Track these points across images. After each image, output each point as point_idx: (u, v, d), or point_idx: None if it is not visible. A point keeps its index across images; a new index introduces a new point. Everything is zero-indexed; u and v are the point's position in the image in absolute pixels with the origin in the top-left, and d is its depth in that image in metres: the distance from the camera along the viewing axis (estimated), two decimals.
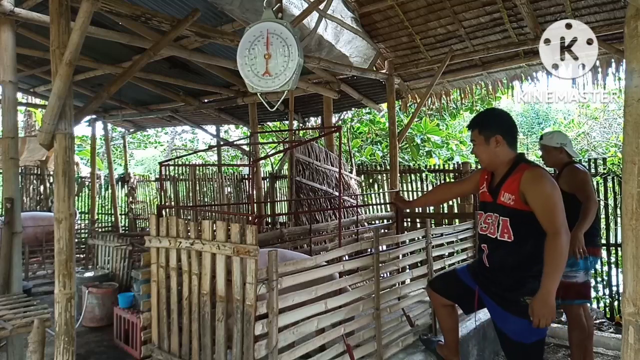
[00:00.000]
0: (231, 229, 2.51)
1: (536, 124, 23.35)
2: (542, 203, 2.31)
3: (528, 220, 2.35)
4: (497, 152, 2.50)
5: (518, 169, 2.43)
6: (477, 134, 2.56)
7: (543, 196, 2.31)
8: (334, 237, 4.96)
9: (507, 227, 2.43)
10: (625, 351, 1.42)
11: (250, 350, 2.33)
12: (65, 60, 2.39)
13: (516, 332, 2.45)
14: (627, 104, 1.42)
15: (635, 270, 1.39)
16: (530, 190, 2.33)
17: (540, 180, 2.33)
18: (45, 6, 3.08)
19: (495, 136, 2.49)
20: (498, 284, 2.52)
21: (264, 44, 2.51)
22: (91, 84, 7.49)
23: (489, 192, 2.60)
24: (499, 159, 2.51)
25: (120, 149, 16.50)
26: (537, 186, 2.32)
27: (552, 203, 2.29)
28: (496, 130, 2.50)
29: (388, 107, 6.23)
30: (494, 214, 2.53)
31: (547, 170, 2.59)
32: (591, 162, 6.23)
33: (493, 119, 2.59)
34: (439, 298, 2.95)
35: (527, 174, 2.37)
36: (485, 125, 2.54)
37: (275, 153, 8.90)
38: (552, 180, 2.38)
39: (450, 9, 4.99)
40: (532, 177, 2.35)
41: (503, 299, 2.49)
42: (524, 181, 2.36)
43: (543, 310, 2.23)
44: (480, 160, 2.61)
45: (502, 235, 2.45)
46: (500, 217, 2.47)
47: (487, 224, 2.57)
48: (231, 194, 9.79)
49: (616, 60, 4.83)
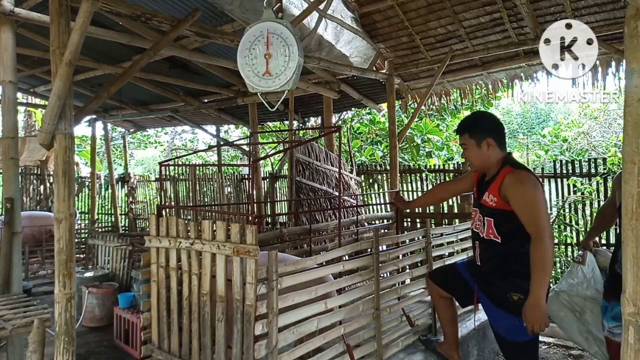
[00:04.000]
0: (231, 229, 2.51)
1: (536, 124, 23.35)
2: (524, 206, 2.30)
3: (511, 220, 2.35)
4: (490, 154, 2.51)
5: (502, 171, 2.44)
6: (467, 138, 2.55)
7: (524, 199, 2.30)
8: (334, 237, 4.96)
9: (491, 227, 2.44)
10: (626, 351, 1.42)
11: (250, 350, 2.33)
12: (65, 60, 2.39)
13: (508, 329, 2.47)
14: (627, 104, 1.42)
15: (635, 270, 1.39)
16: (512, 194, 2.33)
17: (522, 183, 2.33)
18: (45, 6, 3.07)
19: (487, 139, 2.49)
20: (489, 281, 2.56)
21: (264, 43, 2.51)
22: (91, 84, 7.49)
23: (477, 190, 2.64)
24: (490, 160, 2.52)
25: (120, 149, 16.50)
26: (518, 189, 2.32)
27: (534, 205, 2.28)
28: (487, 133, 2.51)
29: (388, 107, 6.23)
30: (478, 212, 2.56)
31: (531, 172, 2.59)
32: (591, 162, 6.24)
33: (482, 122, 2.59)
34: (437, 289, 3.01)
35: (509, 177, 2.37)
36: (476, 129, 2.54)
37: (275, 153, 8.90)
38: (535, 183, 2.37)
39: (450, 9, 4.99)
40: (513, 180, 2.35)
41: (494, 296, 2.53)
42: (505, 184, 2.37)
43: (535, 315, 2.23)
44: (472, 164, 2.61)
45: (488, 235, 2.47)
46: (485, 217, 2.49)
47: (478, 221, 2.60)
48: (231, 194, 9.79)
49: (616, 60, 4.83)
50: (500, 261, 2.45)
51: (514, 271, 2.41)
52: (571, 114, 16.96)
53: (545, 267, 2.22)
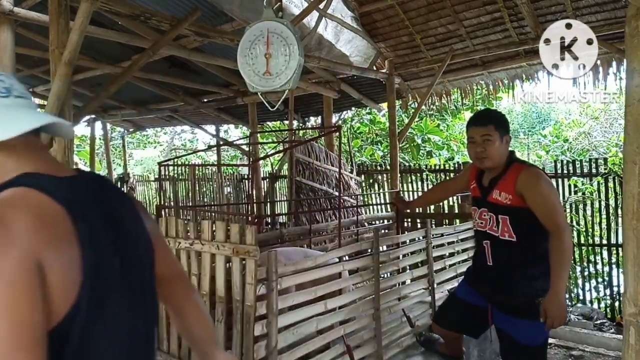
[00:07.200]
0: (230, 229, 2.50)
1: (537, 124, 23.34)
2: (542, 203, 2.29)
3: (527, 217, 2.33)
4: (505, 151, 2.48)
5: (513, 169, 2.42)
6: (493, 130, 2.42)
7: (542, 196, 2.30)
8: (334, 238, 4.95)
9: (507, 226, 2.40)
10: (626, 352, 1.42)
11: (249, 351, 2.32)
12: (64, 60, 2.38)
13: (530, 336, 2.38)
14: (627, 104, 1.41)
15: (636, 270, 1.38)
16: (529, 191, 2.32)
17: (538, 181, 2.33)
18: (45, 6, 3.07)
19: (506, 136, 2.47)
20: (506, 290, 2.44)
21: (265, 43, 2.51)
22: (90, 83, 7.47)
23: (479, 188, 2.57)
24: (504, 158, 2.48)
25: (120, 149, 16.47)
26: (535, 186, 2.31)
27: (551, 202, 2.29)
28: (507, 130, 2.49)
29: (388, 106, 6.23)
30: (488, 211, 2.50)
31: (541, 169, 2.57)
32: (592, 162, 6.23)
33: (504, 118, 2.55)
34: (447, 333, 2.81)
35: (524, 174, 2.35)
36: (501, 123, 2.48)
37: (275, 153, 8.89)
38: (548, 180, 2.38)
39: (451, 8, 4.99)
40: (529, 177, 2.34)
41: (513, 307, 2.40)
42: (521, 182, 2.34)
43: (556, 311, 2.20)
44: (492, 158, 2.44)
45: (503, 234, 2.42)
46: (498, 215, 2.44)
47: (483, 219, 2.53)
48: (231, 194, 9.78)
49: (617, 60, 4.82)
50: (516, 261, 2.40)
51: (533, 275, 2.34)
52: (572, 113, 16.95)
53: (566, 262, 2.22)
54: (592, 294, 5.83)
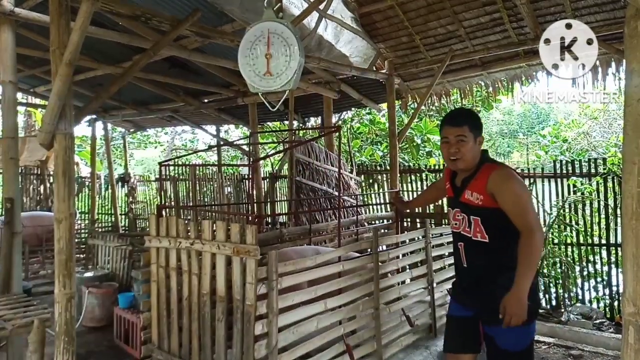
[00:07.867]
0: (231, 229, 2.51)
1: (536, 124, 23.36)
2: (513, 202, 2.28)
3: (499, 218, 2.31)
4: (478, 152, 2.46)
5: (484, 169, 2.40)
6: (468, 130, 2.41)
7: (513, 195, 2.28)
8: (333, 237, 4.96)
9: (479, 226, 2.38)
10: (625, 351, 1.42)
11: (250, 350, 2.33)
12: (65, 61, 2.39)
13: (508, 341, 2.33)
14: (627, 104, 1.42)
15: (635, 270, 1.39)
16: (500, 191, 2.30)
17: (508, 180, 2.31)
18: (45, 6, 3.07)
19: (480, 137, 2.46)
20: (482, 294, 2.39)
21: (265, 43, 2.51)
22: (91, 84, 7.48)
23: (452, 188, 2.57)
24: (476, 159, 2.46)
25: (120, 149, 16.50)
26: (506, 186, 2.30)
27: (523, 201, 2.28)
28: (481, 130, 2.49)
29: (388, 107, 6.23)
30: (461, 211, 2.48)
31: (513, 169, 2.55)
32: (591, 162, 6.24)
33: (477, 119, 2.53)
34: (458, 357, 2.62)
35: (495, 174, 2.34)
36: (474, 124, 2.46)
37: (275, 153, 8.90)
38: (520, 180, 2.36)
39: (450, 9, 4.99)
40: (500, 177, 2.32)
41: (492, 312, 2.29)
42: (492, 182, 2.33)
43: (516, 308, 2.16)
44: (464, 159, 2.42)
45: (476, 235, 2.39)
46: (470, 216, 2.42)
47: (457, 220, 2.51)
48: (231, 194, 9.79)
49: (616, 61, 4.83)
50: (489, 263, 2.37)
51: (509, 277, 2.23)
52: (571, 114, 16.97)
53: (534, 262, 2.19)
54: (591, 294, 5.84)
